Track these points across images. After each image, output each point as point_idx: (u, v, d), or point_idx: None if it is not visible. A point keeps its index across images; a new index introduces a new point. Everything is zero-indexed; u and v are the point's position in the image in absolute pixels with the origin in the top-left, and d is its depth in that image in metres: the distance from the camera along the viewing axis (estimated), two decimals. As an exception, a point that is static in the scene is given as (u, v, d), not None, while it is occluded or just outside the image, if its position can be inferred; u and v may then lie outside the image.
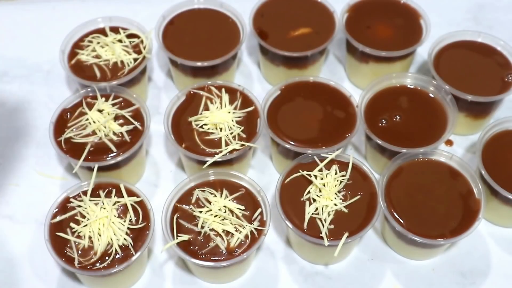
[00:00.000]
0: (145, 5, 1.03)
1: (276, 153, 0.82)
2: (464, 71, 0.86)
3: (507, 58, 0.87)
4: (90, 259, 0.67)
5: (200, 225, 0.70)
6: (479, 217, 0.71)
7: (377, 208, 0.71)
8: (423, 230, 0.71)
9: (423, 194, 0.74)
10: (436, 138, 0.79)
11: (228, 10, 0.93)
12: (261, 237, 0.69)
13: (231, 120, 0.78)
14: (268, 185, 0.81)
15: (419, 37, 0.89)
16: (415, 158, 0.77)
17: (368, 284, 0.74)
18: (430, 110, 0.82)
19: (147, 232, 0.70)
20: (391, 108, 0.82)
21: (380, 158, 0.80)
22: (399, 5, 0.94)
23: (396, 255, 0.77)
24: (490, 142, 0.79)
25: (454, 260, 0.76)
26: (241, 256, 0.68)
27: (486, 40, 0.89)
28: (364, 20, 0.92)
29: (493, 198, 0.76)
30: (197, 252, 0.69)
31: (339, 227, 0.70)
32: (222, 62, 0.87)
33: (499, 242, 0.78)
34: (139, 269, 0.73)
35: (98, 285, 0.72)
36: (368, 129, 0.78)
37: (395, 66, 0.89)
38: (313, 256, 0.75)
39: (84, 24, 0.90)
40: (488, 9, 1.04)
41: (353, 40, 0.87)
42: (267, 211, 0.72)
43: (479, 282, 0.74)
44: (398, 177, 0.75)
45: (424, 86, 0.84)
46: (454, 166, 0.76)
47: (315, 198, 0.71)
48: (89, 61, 0.86)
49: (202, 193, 0.72)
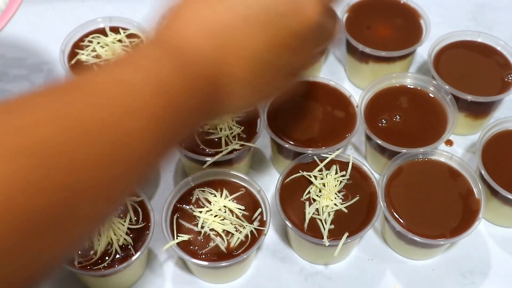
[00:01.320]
0: (145, 5, 1.03)
1: (276, 153, 0.82)
2: (464, 71, 0.86)
3: (507, 58, 0.87)
4: (90, 259, 0.67)
5: (200, 225, 0.70)
6: (479, 217, 0.71)
7: (377, 208, 0.71)
8: (423, 230, 0.71)
9: (423, 194, 0.74)
10: (436, 138, 0.79)
11: (228, 10, 0.92)
12: (261, 237, 0.69)
13: (231, 120, 0.78)
14: (268, 185, 0.81)
15: (419, 37, 0.89)
16: (415, 158, 0.77)
17: (368, 284, 0.74)
18: (430, 110, 0.82)
19: (147, 232, 0.70)
20: (391, 108, 0.82)
21: (380, 158, 0.80)
22: (399, 5, 0.94)
23: (396, 255, 0.77)
24: (490, 142, 0.79)
25: (454, 260, 0.76)
26: (241, 256, 0.68)
27: (486, 40, 0.89)
28: (364, 20, 0.92)
29: (493, 198, 0.76)
30: (197, 252, 0.69)
31: (339, 227, 0.70)
32: (222, 62, 0.87)
33: (499, 242, 0.78)
34: (139, 269, 0.73)
35: (98, 285, 0.72)
36: (368, 129, 0.78)
37: (395, 66, 0.89)
38: (313, 256, 0.75)
39: (84, 24, 0.90)
40: (488, 9, 1.04)
41: (353, 40, 0.87)
42: (267, 211, 0.72)
43: (479, 282, 0.74)
44: (398, 177, 0.75)
45: (424, 86, 0.84)
46: (454, 166, 0.76)
47: (315, 198, 0.71)
48: (89, 61, 0.86)
49: (202, 193, 0.72)
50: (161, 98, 0.43)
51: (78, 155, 0.38)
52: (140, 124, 0.42)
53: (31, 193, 0.35)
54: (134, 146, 0.41)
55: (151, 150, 0.44)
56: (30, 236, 0.36)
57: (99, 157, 0.39)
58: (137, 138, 0.42)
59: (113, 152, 0.40)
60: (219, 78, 0.48)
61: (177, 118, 0.45)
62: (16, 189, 0.35)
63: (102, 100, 0.41)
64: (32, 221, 0.35)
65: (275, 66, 0.51)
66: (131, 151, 0.41)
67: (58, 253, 0.40)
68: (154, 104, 0.43)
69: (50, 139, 0.37)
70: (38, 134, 0.37)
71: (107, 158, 0.40)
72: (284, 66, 0.52)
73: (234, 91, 0.49)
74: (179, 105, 0.45)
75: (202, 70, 0.46)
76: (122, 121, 0.41)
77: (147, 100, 0.42)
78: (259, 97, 0.56)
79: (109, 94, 0.41)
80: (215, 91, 0.48)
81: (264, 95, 0.57)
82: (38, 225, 0.36)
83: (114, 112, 0.40)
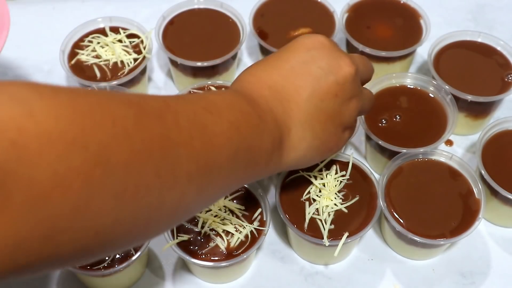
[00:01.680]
0: (145, 5, 1.03)
1: (276, 153, 0.82)
2: (464, 71, 0.86)
3: (507, 58, 0.87)
4: (90, 259, 0.67)
5: (200, 225, 0.70)
6: (479, 217, 0.71)
7: (377, 208, 0.71)
8: (423, 230, 0.71)
9: (423, 194, 0.74)
10: (436, 138, 0.78)
11: (228, 10, 0.93)
12: (261, 237, 0.69)
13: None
14: (268, 185, 0.81)
15: (419, 37, 0.89)
16: (415, 158, 0.77)
17: (368, 284, 0.74)
18: (430, 110, 0.82)
19: (147, 232, 0.70)
20: (391, 108, 0.82)
21: (380, 158, 0.80)
22: (399, 5, 0.94)
23: (396, 255, 0.77)
24: (490, 142, 0.79)
25: (454, 260, 0.76)
26: (241, 256, 0.68)
27: (486, 40, 0.89)
28: (364, 20, 0.92)
29: (493, 198, 0.76)
30: (197, 252, 0.69)
31: (339, 227, 0.70)
32: (222, 62, 0.87)
33: (499, 242, 0.78)
34: (139, 269, 0.73)
35: (98, 285, 0.72)
36: (368, 129, 0.78)
37: (395, 66, 0.89)
38: (313, 256, 0.75)
39: (84, 24, 0.90)
40: (488, 9, 1.04)
41: (353, 40, 0.87)
42: (267, 211, 0.72)
43: (479, 282, 0.74)
44: (398, 177, 0.75)
45: (424, 86, 0.84)
46: (454, 166, 0.76)
47: (315, 198, 0.71)
48: (89, 61, 0.86)
49: (202, 193, 0.72)
50: (239, 114, 0.53)
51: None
52: (221, 121, 0.50)
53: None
54: (216, 138, 0.49)
55: (229, 155, 0.50)
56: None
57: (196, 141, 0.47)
58: (219, 133, 0.49)
59: (198, 133, 0.47)
60: (281, 119, 0.57)
61: (250, 145, 0.53)
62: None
63: (188, 100, 0.51)
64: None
65: (325, 110, 0.60)
66: (213, 141, 0.48)
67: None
68: (233, 117, 0.52)
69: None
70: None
71: (194, 137, 0.47)
72: (334, 113, 0.61)
73: (295, 133, 0.59)
74: (253, 129, 0.53)
75: (266, 109, 0.57)
76: (206, 115, 0.49)
77: (228, 111, 0.52)
78: (319, 144, 0.61)
79: (193, 100, 0.52)
80: (280, 132, 0.57)
81: (322, 143, 0.62)
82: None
83: (199, 109, 0.50)
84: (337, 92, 0.60)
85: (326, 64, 0.60)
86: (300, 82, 0.59)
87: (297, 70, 0.59)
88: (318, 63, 0.60)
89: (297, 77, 0.59)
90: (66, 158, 0.36)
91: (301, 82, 0.59)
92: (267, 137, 0.55)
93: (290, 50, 0.61)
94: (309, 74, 0.59)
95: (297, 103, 0.58)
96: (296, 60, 0.60)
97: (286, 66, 0.60)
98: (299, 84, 0.59)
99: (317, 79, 0.59)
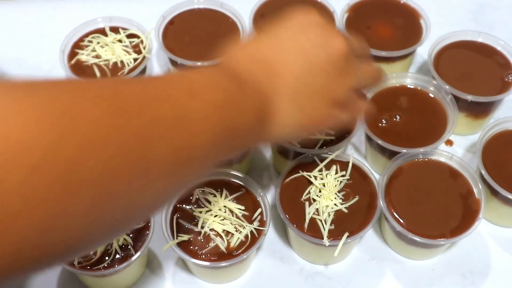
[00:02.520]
0: (145, 5, 1.03)
1: (276, 153, 0.82)
2: (464, 71, 0.86)
3: (507, 58, 0.87)
4: (90, 259, 0.67)
5: (200, 225, 0.70)
6: (479, 217, 0.71)
7: (377, 208, 0.71)
8: (423, 230, 0.71)
9: (423, 194, 0.74)
10: (436, 138, 0.78)
11: (228, 10, 0.93)
12: (261, 237, 0.69)
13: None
14: (268, 185, 0.81)
15: (419, 37, 0.89)
16: (415, 158, 0.77)
17: (368, 284, 0.74)
18: (430, 110, 0.82)
19: (147, 232, 0.70)
20: (391, 108, 0.82)
21: (380, 158, 0.80)
22: (399, 5, 0.94)
23: (396, 255, 0.77)
24: (490, 142, 0.79)
25: (454, 260, 0.76)
26: (241, 256, 0.68)
27: (486, 40, 0.89)
28: (364, 20, 0.92)
29: (493, 198, 0.76)
30: (197, 252, 0.69)
31: (339, 227, 0.70)
32: (222, 62, 0.87)
33: (499, 242, 0.78)
34: (139, 269, 0.73)
35: (98, 285, 0.72)
36: (368, 129, 0.78)
37: (395, 66, 0.89)
38: (313, 256, 0.75)
39: (84, 24, 0.90)
40: (488, 9, 1.04)
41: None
42: (267, 211, 0.72)
43: (479, 282, 0.74)
44: (398, 177, 0.75)
45: (424, 86, 0.84)
46: (454, 166, 0.76)
47: (315, 198, 0.71)
48: (89, 61, 0.86)
49: (202, 193, 0.72)
50: (222, 94, 0.51)
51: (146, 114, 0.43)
52: (204, 105, 0.48)
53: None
54: (198, 124, 0.47)
55: (212, 140, 0.48)
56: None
57: (167, 121, 0.45)
58: (202, 118, 0.47)
59: (178, 123, 0.45)
60: (267, 93, 0.56)
61: (234, 123, 0.51)
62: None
63: (170, 84, 0.49)
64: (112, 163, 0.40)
65: (315, 87, 0.58)
66: (194, 128, 0.46)
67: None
68: (216, 98, 0.50)
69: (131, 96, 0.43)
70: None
71: (174, 129, 0.45)
72: (324, 90, 0.59)
73: (282, 109, 0.57)
74: (236, 107, 0.52)
75: (252, 84, 0.55)
76: (188, 100, 0.47)
77: (210, 91, 0.50)
78: (306, 121, 0.61)
79: (175, 83, 0.49)
80: (265, 106, 0.56)
81: (310, 120, 0.60)
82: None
83: (181, 93, 0.48)
84: (328, 69, 0.59)
85: (319, 41, 0.59)
86: (291, 57, 0.58)
87: (289, 46, 0.58)
88: (310, 39, 0.59)
89: (288, 53, 0.58)
90: (36, 174, 0.34)
91: (291, 57, 0.58)
92: (251, 113, 0.54)
93: (283, 25, 0.60)
94: (300, 50, 0.58)
95: (286, 79, 0.57)
96: (288, 36, 0.59)
97: (277, 41, 0.59)
98: (289, 60, 0.57)
99: (308, 55, 0.58)
